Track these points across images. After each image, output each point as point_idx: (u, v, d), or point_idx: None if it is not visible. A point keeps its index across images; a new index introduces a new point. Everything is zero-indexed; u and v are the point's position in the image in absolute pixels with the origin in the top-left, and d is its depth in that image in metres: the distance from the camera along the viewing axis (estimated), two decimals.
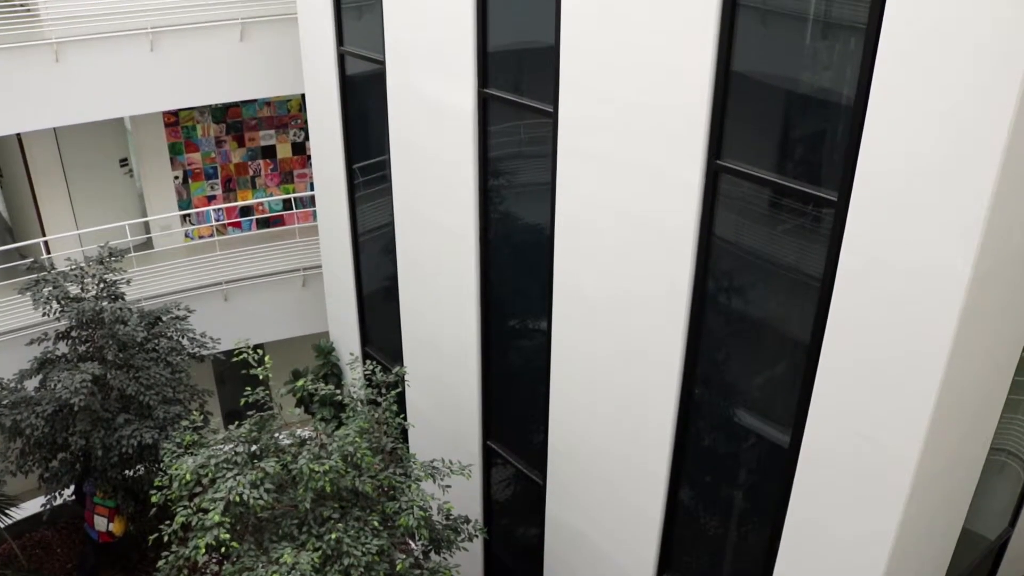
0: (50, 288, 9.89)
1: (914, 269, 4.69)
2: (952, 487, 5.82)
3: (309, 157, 13.80)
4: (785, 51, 5.32)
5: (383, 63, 8.90)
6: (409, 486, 7.54)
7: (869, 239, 4.87)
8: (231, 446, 7.43)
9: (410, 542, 9.13)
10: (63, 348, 10.38)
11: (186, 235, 13.94)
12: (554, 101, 6.87)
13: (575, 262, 7.13)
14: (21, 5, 11.42)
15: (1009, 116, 4.07)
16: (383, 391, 8.08)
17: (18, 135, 12.37)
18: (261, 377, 7.66)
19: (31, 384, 10.35)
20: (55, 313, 9.97)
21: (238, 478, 6.82)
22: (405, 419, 8.60)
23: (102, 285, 10.17)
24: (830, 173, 5.09)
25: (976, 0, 4.09)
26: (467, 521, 8.22)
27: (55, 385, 9.23)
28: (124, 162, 13.77)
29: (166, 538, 7.08)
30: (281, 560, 6.60)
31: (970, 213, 4.34)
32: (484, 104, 7.74)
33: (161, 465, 7.89)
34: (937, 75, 4.31)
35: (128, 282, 10.59)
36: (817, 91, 5.17)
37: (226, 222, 14.17)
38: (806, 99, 5.30)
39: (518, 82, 7.53)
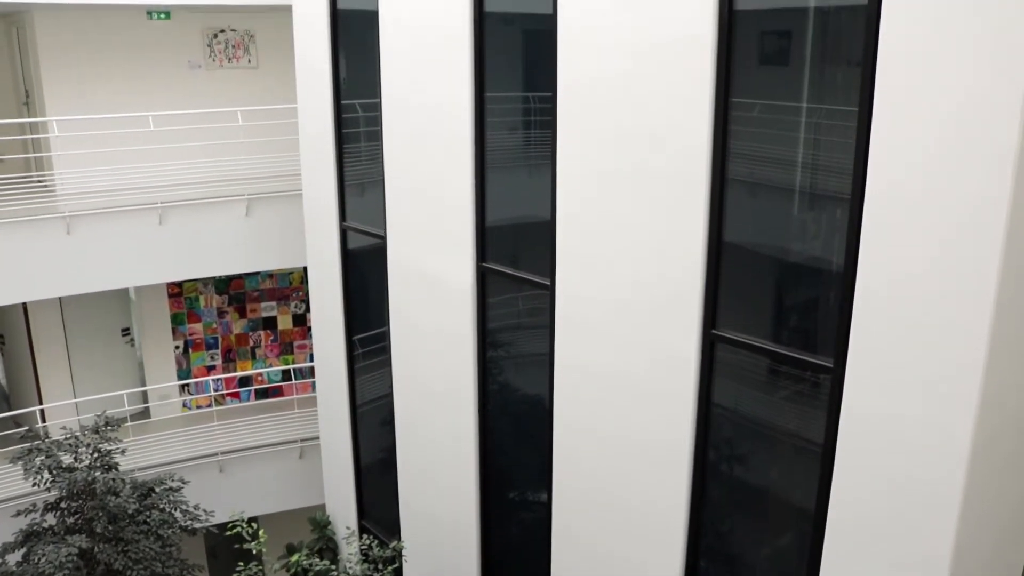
0: (43, 457, 9.78)
1: (915, 434, 4.68)
2: None
3: (309, 328, 13.94)
4: (774, 221, 5.51)
5: (384, 238, 9.13)
6: None
7: (868, 405, 4.88)
8: None
9: None
10: (51, 520, 10.17)
11: (184, 405, 13.89)
12: (551, 274, 7.02)
13: (574, 433, 7.10)
14: (38, 181, 11.83)
15: (994, 282, 4.18)
16: (380, 566, 7.88)
17: (24, 303, 12.54)
18: (255, 551, 7.48)
19: (13, 559, 10.08)
20: (46, 483, 9.82)
21: None
22: None
23: (96, 455, 10.06)
24: (825, 340, 5.17)
25: (955, 165, 4.26)
26: None
27: (39, 559, 8.98)
28: (126, 331, 13.90)
29: None
30: None
31: (966, 378, 4.38)
32: (483, 277, 7.91)
33: None
34: (923, 241, 4.45)
35: (123, 452, 10.49)
36: (808, 259, 5.32)
37: (225, 392, 14.16)
38: (797, 267, 5.45)
39: (516, 256, 7.71)
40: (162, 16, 12.75)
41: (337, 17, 9.48)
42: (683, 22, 5.55)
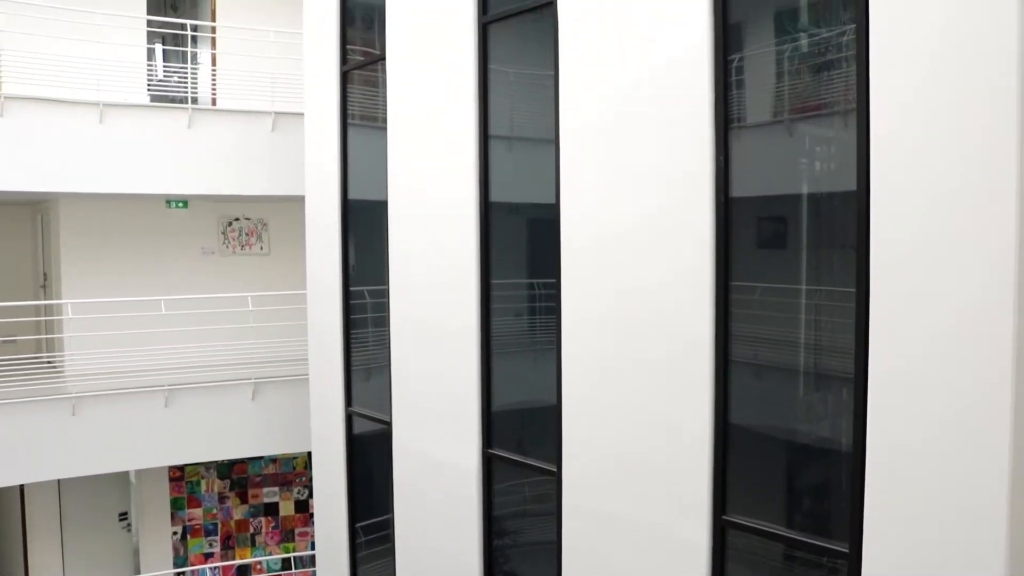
0: None
1: None
2: None
3: (311, 515, 13.67)
4: (780, 403, 5.50)
5: (389, 424, 9.10)
6: None
7: None
8: None
9: None
10: None
11: None
12: (557, 461, 6.95)
13: None
14: (48, 361, 11.94)
15: (1007, 461, 4.13)
16: None
17: (21, 485, 12.40)
18: None
19: None
20: None
21: None
22: None
23: None
24: (839, 524, 5.05)
25: (957, 346, 4.29)
26: None
27: None
28: (123, 516, 13.65)
29: None
30: None
31: (987, 561, 4.25)
32: (488, 464, 7.83)
33: None
34: (930, 421, 4.42)
35: None
36: (816, 440, 5.27)
37: None
38: (806, 449, 5.39)
39: (522, 442, 7.66)
40: (180, 205, 13.24)
41: (348, 207, 9.82)
42: (681, 212, 5.73)
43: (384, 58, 8.88)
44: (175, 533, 13.52)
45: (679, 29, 5.73)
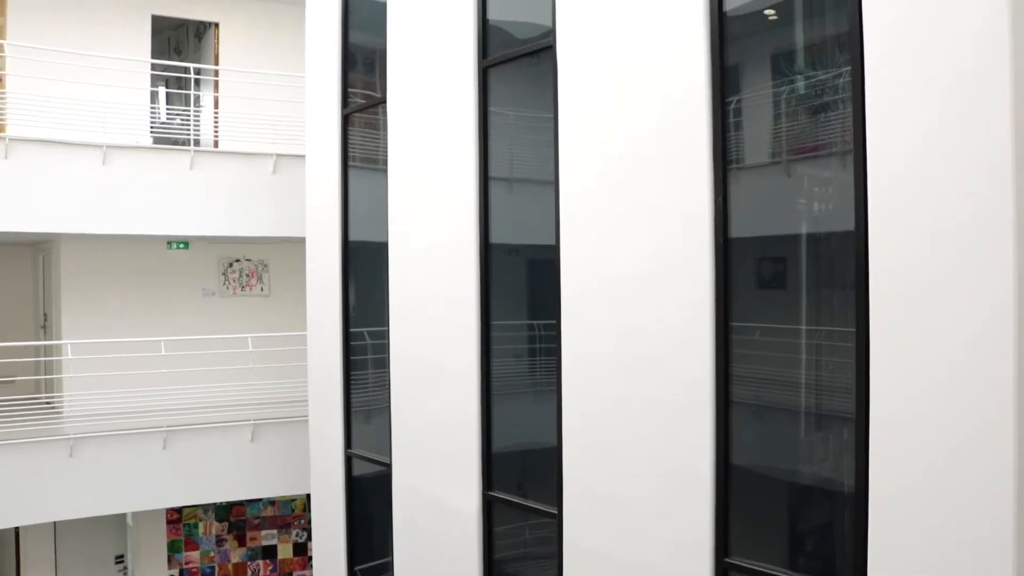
0: None
1: None
2: None
3: (310, 558, 13.55)
4: (782, 443, 5.47)
5: (389, 465, 9.05)
6: None
7: None
8: None
9: None
10: None
11: None
12: (558, 503, 6.90)
13: None
14: (46, 402, 11.90)
15: (1012, 502, 4.10)
16: None
17: (17, 528, 12.31)
18: None
19: None
20: None
21: None
22: None
23: None
24: (843, 565, 5.00)
25: (957, 385, 4.27)
26: None
27: None
28: (120, 559, 13.52)
29: None
30: None
31: None
32: (488, 506, 7.77)
33: None
34: (933, 458, 4.40)
35: None
36: (818, 481, 5.24)
37: None
38: (808, 490, 5.36)
39: (522, 484, 7.61)
40: (181, 246, 13.29)
41: (348, 248, 9.84)
42: (681, 253, 5.75)
43: (385, 101, 8.96)
44: None
45: (677, 71, 5.79)
